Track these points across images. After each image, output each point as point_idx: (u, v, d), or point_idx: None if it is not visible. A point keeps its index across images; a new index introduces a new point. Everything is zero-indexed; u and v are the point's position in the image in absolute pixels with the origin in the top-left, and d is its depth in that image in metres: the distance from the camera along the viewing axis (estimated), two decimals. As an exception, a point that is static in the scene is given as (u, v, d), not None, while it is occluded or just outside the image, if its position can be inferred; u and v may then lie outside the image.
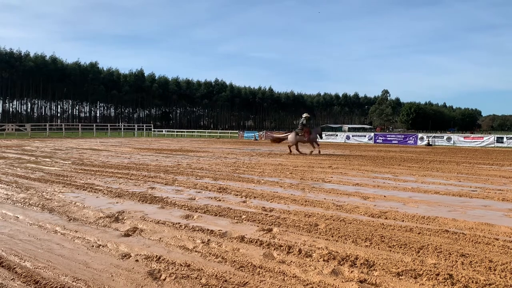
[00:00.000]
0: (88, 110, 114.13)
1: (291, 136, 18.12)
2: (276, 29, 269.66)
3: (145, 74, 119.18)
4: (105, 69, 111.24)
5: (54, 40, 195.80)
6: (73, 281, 3.13)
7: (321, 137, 19.69)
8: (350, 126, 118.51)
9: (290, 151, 18.27)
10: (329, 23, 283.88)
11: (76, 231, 4.57)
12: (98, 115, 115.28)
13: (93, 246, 4.05)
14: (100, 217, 5.24)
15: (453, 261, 3.60)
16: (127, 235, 4.47)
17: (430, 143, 30.72)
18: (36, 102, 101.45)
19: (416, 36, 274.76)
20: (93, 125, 53.33)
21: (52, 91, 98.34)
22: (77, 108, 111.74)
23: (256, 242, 4.15)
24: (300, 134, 17.78)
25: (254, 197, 6.76)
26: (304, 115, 18.47)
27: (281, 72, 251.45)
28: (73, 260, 3.61)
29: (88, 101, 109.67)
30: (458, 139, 30.87)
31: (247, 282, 3.11)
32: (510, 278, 3.21)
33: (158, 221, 5.03)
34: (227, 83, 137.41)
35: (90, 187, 7.65)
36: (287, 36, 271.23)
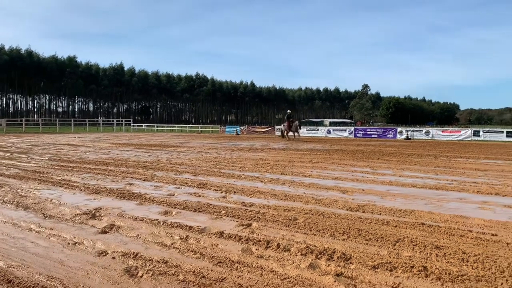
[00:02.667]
0: (65, 105, 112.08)
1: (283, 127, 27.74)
2: (252, 29, 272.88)
3: (125, 68, 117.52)
4: (83, 63, 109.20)
5: (31, 38, 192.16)
6: (47, 280, 3.08)
7: (300, 128, 27.62)
8: (331, 120, 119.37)
9: (282, 136, 27.75)
10: (299, 24, 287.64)
11: (52, 229, 4.49)
12: (76, 110, 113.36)
13: (69, 243, 3.99)
14: (77, 214, 5.16)
15: (428, 253, 3.67)
16: (104, 232, 4.41)
17: (409, 137, 31.21)
18: (11, 96, 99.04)
19: (381, 36, 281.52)
20: (71, 120, 52.28)
21: (28, 85, 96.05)
22: (54, 103, 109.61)
23: (235, 237, 4.15)
24: (285, 125, 26.70)
25: (234, 192, 6.75)
26: (288, 111, 27.05)
27: (261, 69, 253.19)
28: (48, 259, 3.55)
29: (65, 95, 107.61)
30: (437, 133, 31.47)
31: (225, 278, 3.11)
32: (481, 269, 3.29)
33: (136, 218, 4.97)
34: (208, 77, 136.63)
35: (67, 184, 7.51)
36: (262, 35, 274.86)
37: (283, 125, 26.94)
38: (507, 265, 3.37)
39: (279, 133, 28.50)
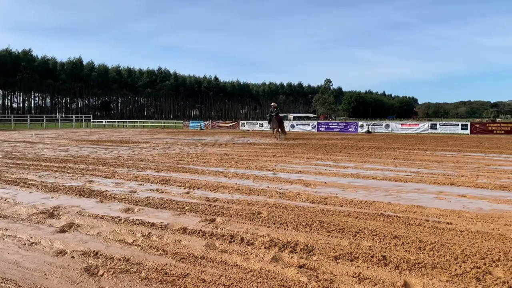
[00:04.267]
0: (21, 100, 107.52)
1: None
2: (216, 24, 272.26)
3: (84, 63, 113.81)
4: (39, 57, 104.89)
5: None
6: (1, 282, 2.96)
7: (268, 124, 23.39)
8: (295, 115, 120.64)
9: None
10: (264, 19, 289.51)
11: (6, 229, 4.30)
12: (32, 105, 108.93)
13: (25, 244, 3.84)
14: (34, 213, 4.97)
15: (387, 243, 3.78)
16: (62, 231, 4.27)
17: (370, 131, 32.00)
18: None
19: (343, 32, 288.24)
20: (27, 116, 50.25)
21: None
22: (8, 98, 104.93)
23: (199, 233, 4.13)
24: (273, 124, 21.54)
25: (198, 188, 6.70)
26: (273, 104, 22.65)
27: (225, 64, 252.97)
28: (2, 260, 3.40)
29: (21, 90, 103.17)
30: (396, 126, 32.43)
31: (188, 274, 3.09)
32: (437, 256, 3.43)
33: (96, 216, 4.85)
34: (171, 71, 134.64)
35: (23, 182, 7.22)
36: (227, 30, 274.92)
37: (270, 122, 21.62)
38: (460, 252, 3.52)
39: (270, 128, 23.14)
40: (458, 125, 30.00)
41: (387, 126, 32.83)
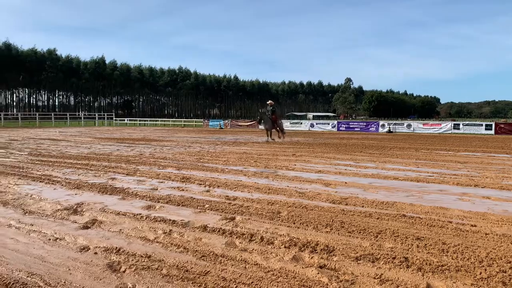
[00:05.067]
0: (46, 98, 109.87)
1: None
2: (235, 23, 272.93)
3: (106, 62, 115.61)
4: (63, 56, 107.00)
5: (9, 30, 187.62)
6: (27, 276, 3.03)
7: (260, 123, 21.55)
8: (314, 114, 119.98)
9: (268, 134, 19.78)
10: (283, 18, 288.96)
11: (32, 225, 4.41)
12: (57, 104, 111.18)
13: (49, 239, 3.92)
14: (58, 210, 5.08)
15: (409, 244, 3.73)
16: (86, 227, 4.35)
17: (391, 130, 31.60)
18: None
19: (364, 31, 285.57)
20: (51, 114, 51.39)
21: (6, 79, 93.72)
22: (34, 96, 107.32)
23: (219, 231, 4.15)
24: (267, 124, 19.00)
25: (218, 186, 6.73)
26: (269, 102, 20.14)
27: (244, 63, 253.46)
28: (28, 255, 3.49)
29: (45, 89, 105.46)
30: (418, 126, 31.92)
31: (208, 271, 3.11)
32: (461, 259, 3.36)
33: (119, 213, 4.92)
34: (191, 71, 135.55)
35: (48, 179, 7.39)
36: (246, 30, 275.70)
37: (263, 122, 18.99)
38: (485, 255, 3.44)
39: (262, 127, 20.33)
40: (482, 125, 29.35)
41: (409, 126, 32.35)
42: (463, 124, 30.40)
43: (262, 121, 18.96)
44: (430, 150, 14.15)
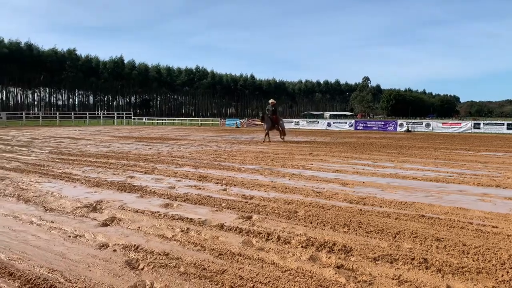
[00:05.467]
0: (66, 98, 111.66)
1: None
2: (251, 22, 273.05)
3: (125, 61, 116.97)
4: (83, 56, 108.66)
5: (30, 31, 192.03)
6: (48, 272, 3.09)
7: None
8: (331, 113, 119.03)
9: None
10: (299, 17, 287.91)
11: (53, 222, 4.50)
12: (76, 103, 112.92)
13: (70, 236, 3.99)
14: (78, 207, 5.16)
15: (428, 245, 3.68)
16: (105, 224, 4.41)
17: (410, 129, 31.19)
18: (11, 90, 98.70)
19: (381, 29, 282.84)
20: (71, 114, 52.29)
21: (28, 78, 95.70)
22: (54, 96, 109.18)
23: (236, 229, 4.16)
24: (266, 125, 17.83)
25: (235, 185, 6.75)
26: (271, 101, 19.13)
27: (261, 62, 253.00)
28: (49, 251, 3.56)
29: (66, 88, 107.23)
30: (437, 125, 31.43)
31: (225, 270, 3.12)
32: (482, 261, 3.30)
33: (137, 210, 4.98)
34: (208, 70, 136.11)
35: (68, 177, 7.52)
36: (262, 28, 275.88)
37: (264, 123, 17.77)
38: (507, 257, 3.37)
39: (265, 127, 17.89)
40: (503, 124, 28.72)
41: (428, 125, 31.87)
42: (483, 123, 29.82)
43: (263, 119, 17.89)
44: (449, 150, 13.93)
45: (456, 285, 2.87)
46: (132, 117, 57.43)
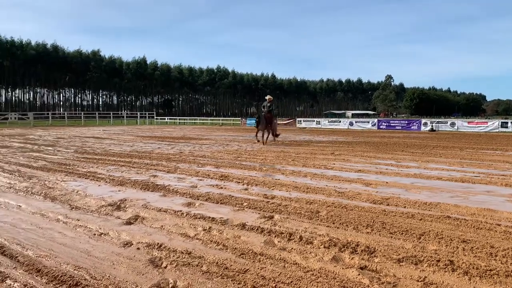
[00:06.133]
0: (90, 98, 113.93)
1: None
2: (272, 21, 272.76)
3: (148, 62, 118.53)
4: (107, 57, 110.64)
5: (56, 32, 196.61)
6: (74, 269, 3.15)
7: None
8: (353, 112, 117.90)
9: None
10: (320, 15, 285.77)
11: (78, 220, 4.59)
12: (100, 103, 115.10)
13: (95, 234, 4.07)
14: (102, 206, 5.25)
15: (454, 247, 3.59)
16: (129, 223, 4.48)
17: (434, 129, 30.61)
18: (38, 90, 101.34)
19: (404, 27, 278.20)
20: (95, 114, 53.38)
21: (54, 79, 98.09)
22: (79, 96, 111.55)
23: (257, 229, 4.16)
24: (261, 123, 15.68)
25: (256, 185, 6.75)
26: (267, 97, 16.72)
27: (282, 61, 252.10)
28: (74, 249, 3.63)
29: (90, 89, 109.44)
30: (462, 124, 30.74)
31: (248, 269, 3.12)
32: (511, 263, 3.20)
33: (160, 209, 5.04)
34: (229, 70, 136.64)
35: (92, 176, 7.66)
36: (283, 27, 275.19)
37: (259, 122, 15.51)
38: (537, 260, 3.27)
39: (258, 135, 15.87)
40: (533, 123, 27.87)
41: (453, 124, 31.20)
42: (511, 122, 28.99)
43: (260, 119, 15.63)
44: (475, 150, 13.60)
45: (484, 288, 2.79)
46: (155, 117, 58.21)
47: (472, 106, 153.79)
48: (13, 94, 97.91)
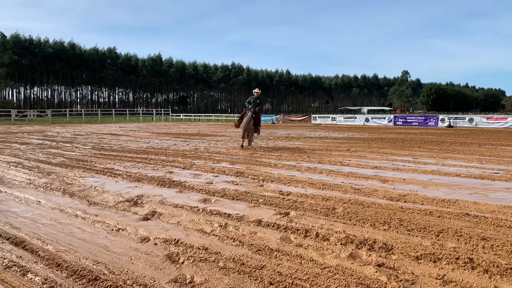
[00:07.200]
0: (106, 95, 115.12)
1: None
2: (287, 18, 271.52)
3: (163, 59, 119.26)
4: (122, 54, 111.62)
5: (73, 31, 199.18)
6: (93, 264, 3.19)
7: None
8: (369, 108, 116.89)
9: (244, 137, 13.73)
10: (335, 11, 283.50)
11: (96, 215, 4.65)
12: (116, 100, 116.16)
13: (112, 230, 4.12)
14: (120, 201, 5.31)
15: (473, 245, 3.54)
16: (146, 219, 4.52)
17: (452, 125, 30.15)
18: (56, 88, 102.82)
19: (420, 22, 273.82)
20: (112, 110, 53.97)
21: (71, 77, 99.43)
22: (96, 93, 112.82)
23: (273, 225, 4.15)
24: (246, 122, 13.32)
25: (271, 181, 6.75)
26: (256, 90, 14.15)
27: (297, 58, 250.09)
28: (93, 244, 3.68)
29: (106, 86, 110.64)
30: (481, 120, 30.20)
31: (264, 266, 3.12)
32: (533, 262, 3.14)
33: (176, 205, 5.07)
34: (244, 66, 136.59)
35: (110, 172, 7.75)
36: (298, 24, 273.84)
37: (245, 120, 13.15)
38: (560, 258, 3.19)
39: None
40: (554, 119, 27.24)
41: (471, 120, 30.67)
42: (532, 118, 28.39)
43: (243, 118, 13.56)
44: (495, 146, 13.35)
45: (505, 286, 2.74)
46: (170, 114, 58.59)
47: (490, 101, 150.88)
48: (32, 91, 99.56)
